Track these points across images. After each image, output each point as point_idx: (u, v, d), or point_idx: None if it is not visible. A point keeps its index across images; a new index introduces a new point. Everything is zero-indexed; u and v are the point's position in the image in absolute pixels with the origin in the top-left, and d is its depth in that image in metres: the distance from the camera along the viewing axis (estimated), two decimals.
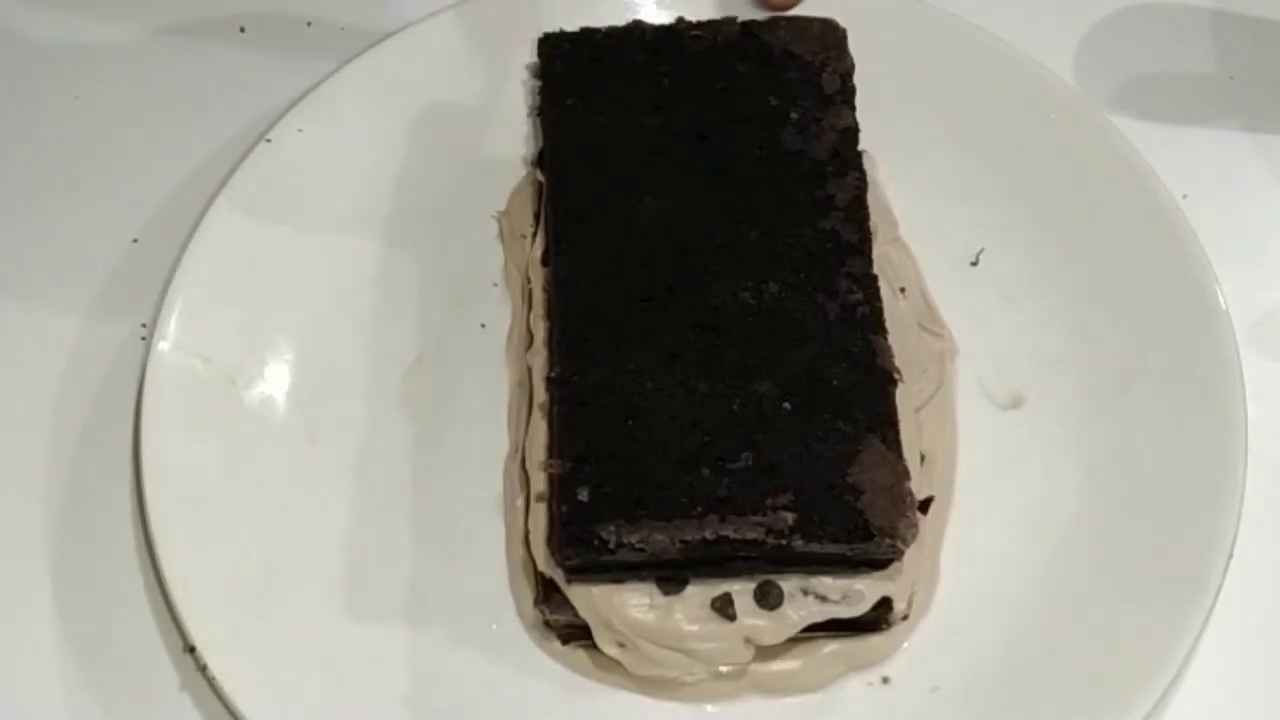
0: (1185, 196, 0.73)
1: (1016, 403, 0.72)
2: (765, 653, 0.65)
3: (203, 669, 0.65)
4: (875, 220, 0.71)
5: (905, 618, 0.66)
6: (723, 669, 0.65)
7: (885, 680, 0.66)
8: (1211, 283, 0.70)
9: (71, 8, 0.83)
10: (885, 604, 0.64)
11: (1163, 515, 0.67)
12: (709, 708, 0.65)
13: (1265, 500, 0.68)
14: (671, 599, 0.63)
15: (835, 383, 0.62)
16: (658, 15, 0.74)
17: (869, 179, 0.71)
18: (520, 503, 0.67)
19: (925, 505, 0.68)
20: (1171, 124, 0.79)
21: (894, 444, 0.61)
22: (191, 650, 0.65)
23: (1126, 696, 0.63)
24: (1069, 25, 0.82)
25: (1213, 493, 0.66)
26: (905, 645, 0.66)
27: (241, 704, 0.63)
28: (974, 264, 0.75)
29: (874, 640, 0.66)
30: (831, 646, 0.66)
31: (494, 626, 0.67)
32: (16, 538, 0.69)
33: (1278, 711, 0.67)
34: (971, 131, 0.76)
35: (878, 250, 0.71)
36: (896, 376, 0.63)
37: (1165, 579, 0.65)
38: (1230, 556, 0.65)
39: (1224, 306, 0.69)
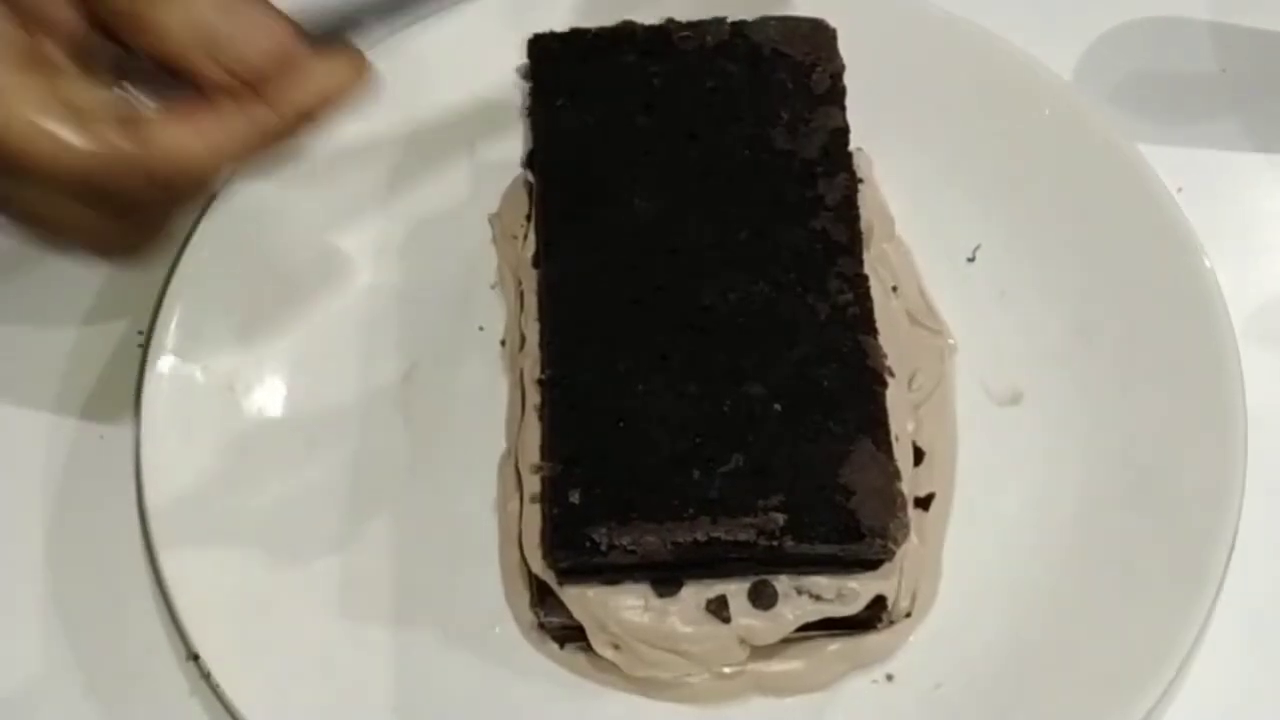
0: (1180, 190, 0.73)
1: (1015, 399, 0.71)
2: (768, 652, 0.65)
3: (206, 677, 0.65)
4: (871, 219, 0.71)
5: (908, 615, 0.66)
6: (725, 670, 0.65)
7: (889, 678, 0.66)
8: (1208, 276, 0.70)
9: None
10: (879, 602, 0.64)
11: (1163, 508, 0.66)
12: (711, 708, 0.65)
13: (1265, 492, 0.67)
14: (666, 601, 0.63)
15: (826, 384, 0.62)
16: (648, 16, 0.74)
17: (864, 177, 0.71)
18: (514, 505, 0.67)
19: (927, 502, 0.68)
20: (1166, 118, 0.79)
21: (885, 444, 0.61)
22: (194, 659, 0.66)
23: (1130, 691, 0.62)
24: (1065, 22, 0.82)
25: (1213, 485, 0.66)
26: (908, 643, 0.66)
27: (247, 712, 0.63)
28: (971, 260, 0.75)
29: (877, 638, 0.66)
30: (834, 645, 0.66)
31: (495, 630, 0.67)
32: (16, 545, 0.69)
33: None
34: (967, 128, 0.76)
35: (875, 249, 0.71)
36: (887, 377, 0.63)
37: (1167, 572, 0.65)
38: (1232, 549, 0.65)
39: (1221, 299, 0.69)
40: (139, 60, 0.50)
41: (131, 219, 0.53)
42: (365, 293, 0.74)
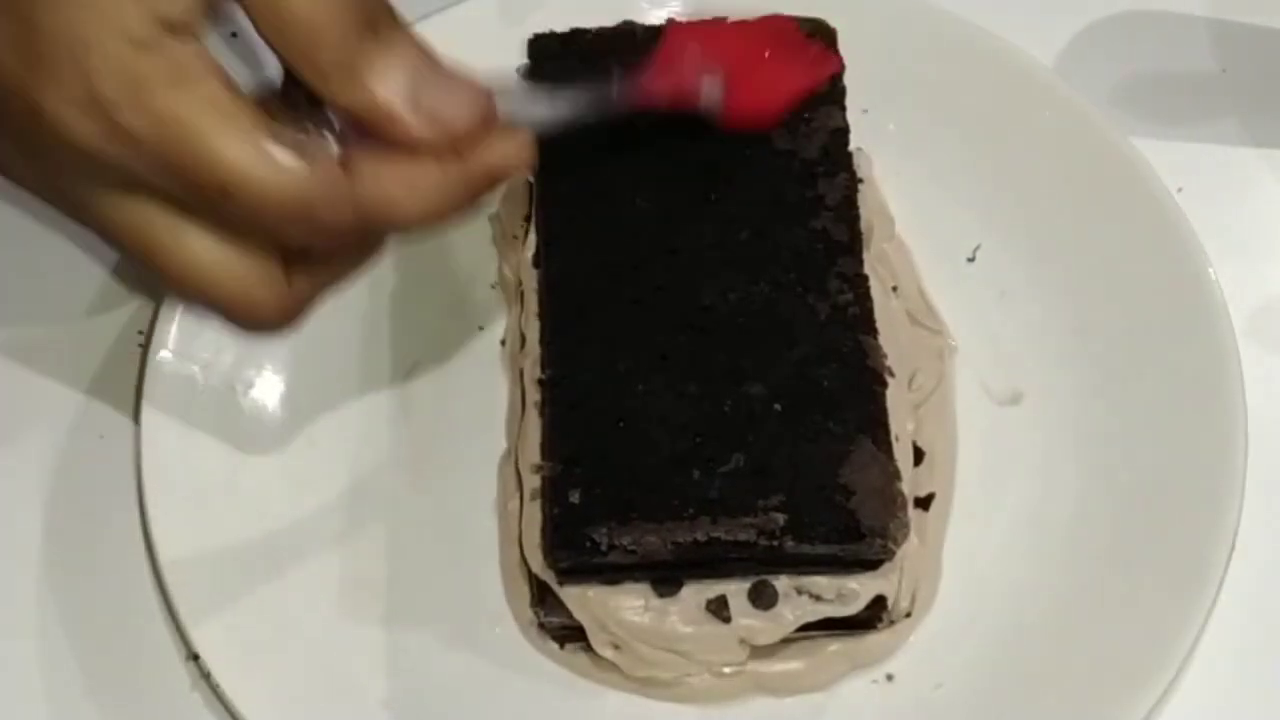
0: (1180, 190, 0.73)
1: (1015, 398, 0.71)
2: (768, 653, 0.65)
3: (206, 677, 0.65)
4: (871, 219, 0.71)
5: (908, 615, 0.66)
6: (725, 670, 0.65)
7: (889, 678, 0.66)
8: (1209, 275, 0.70)
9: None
10: (879, 602, 0.64)
11: (1164, 508, 0.66)
12: (711, 708, 0.65)
13: (1266, 491, 0.67)
14: (666, 601, 0.63)
15: (826, 384, 0.62)
16: (648, 16, 0.74)
17: (864, 177, 0.71)
18: (514, 505, 0.67)
19: (927, 502, 0.68)
20: (1166, 118, 0.79)
21: (885, 444, 0.61)
22: (194, 659, 0.66)
23: (1131, 689, 0.62)
24: (1064, 21, 0.82)
25: (1213, 485, 0.66)
26: (908, 643, 0.66)
27: (246, 712, 0.63)
28: (971, 260, 0.75)
29: (877, 638, 0.66)
30: (834, 645, 0.66)
31: (495, 630, 0.67)
32: (16, 545, 0.69)
33: None
34: (967, 128, 0.76)
35: (875, 248, 0.71)
36: (887, 377, 0.63)
37: (1168, 571, 0.65)
38: (1232, 549, 0.65)
39: (1221, 299, 0.69)
40: (323, 115, 0.49)
41: (300, 278, 0.52)
42: (365, 293, 0.74)
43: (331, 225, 0.49)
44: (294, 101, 0.50)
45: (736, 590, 0.63)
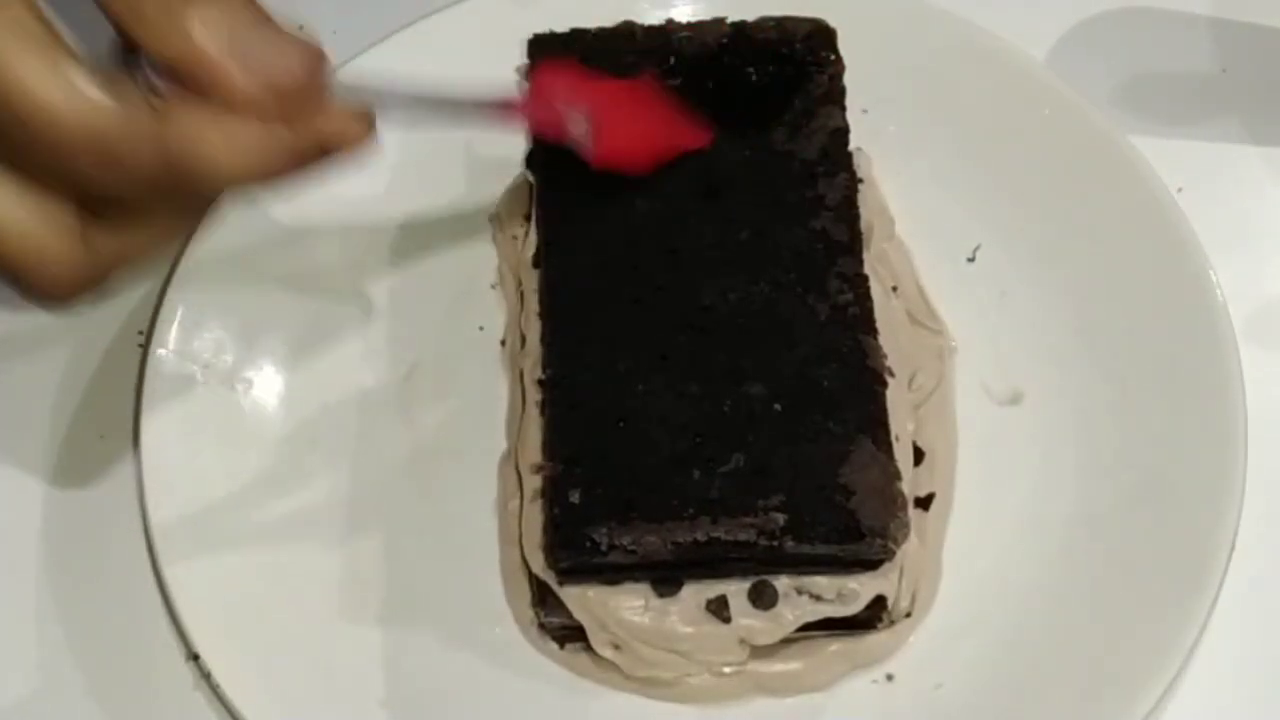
0: (1180, 190, 0.73)
1: (1016, 398, 0.71)
2: (768, 653, 0.65)
3: (206, 677, 0.65)
4: (872, 219, 0.71)
5: (908, 615, 0.66)
6: (725, 670, 0.65)
7: (889, 678, 0.66)
8: (1208, 275, 0.70)
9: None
10: (880, 602, 0.64)
11: (1164, 508, 0.66)
12: (711, 708, 0.65)
13: (1266, 491, 0.67)
14: (666, 601, 0.63)
15: (826, 384, 0.62)
16: (648, 16, 0.74)
17: (864, 177, 0.71)
18: (514, 505, 0.67)
19: (927, 502, 0.68)
20: (1165, 118, 0.79)
21: (885, 444, 0.61)
22: (195, 658, 0.66)
23: (1131, 689, 0.62)
24: (1064, 21, 0.82)
25: (1213, 485, 0.66)
26: (908, 643, 0.66)
27: (247, 712, 0.63)
28: (971, 260, 0.75)
29: (877, 638, 0.66)
30: (834, 645, 0.66)
31: (495, 630, 0.67)
32: (16, 545, 0.69)
33: None
34: (967, 128, 0.76)
35: (875, 248, 0.71)
36: (887, 377, 0.63)
37: (1167, 571, 0.65)
38: (1232, 549, 0.65)
39: (1221, 299, 0.69)
40: (144, 70, 0.48)
41: (102, 237, 0.49)
42: (365, 292, 0.74)
43: (133, 165, 0.47)
44: (126, 65, 0.48)
45: (736, 590, 0.63)
